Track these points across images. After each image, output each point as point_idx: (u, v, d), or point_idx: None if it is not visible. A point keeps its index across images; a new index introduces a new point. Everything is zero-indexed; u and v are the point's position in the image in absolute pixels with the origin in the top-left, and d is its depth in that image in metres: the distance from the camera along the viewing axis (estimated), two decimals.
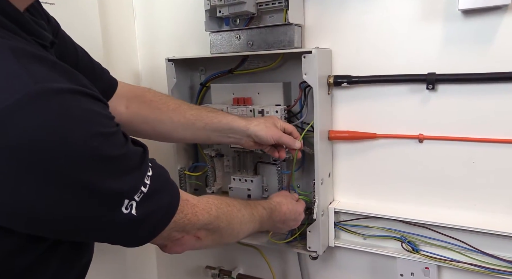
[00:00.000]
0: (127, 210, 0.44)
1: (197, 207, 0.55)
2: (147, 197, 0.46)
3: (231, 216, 0.62)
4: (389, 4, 0.79)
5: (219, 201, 0.61)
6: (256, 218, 0.69)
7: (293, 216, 0.79)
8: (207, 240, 0.59)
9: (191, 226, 0.54)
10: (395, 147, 0.83)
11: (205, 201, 0.58)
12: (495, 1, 0.66)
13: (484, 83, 0.73)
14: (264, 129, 0.77)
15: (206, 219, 0.56)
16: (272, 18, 0.87)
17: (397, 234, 0.83)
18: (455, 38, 0.74)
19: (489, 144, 0.74)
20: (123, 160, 0.43)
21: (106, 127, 0.42)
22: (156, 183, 0.47)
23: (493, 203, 0.76)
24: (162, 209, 0.49)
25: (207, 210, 0.57)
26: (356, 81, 0.83)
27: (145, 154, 0.48)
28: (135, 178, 0.45)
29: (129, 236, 0.48)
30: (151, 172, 0.47)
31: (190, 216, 0.53)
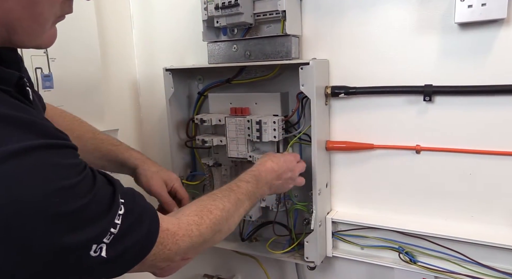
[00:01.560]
0: (96, 253, 0.42)
1: (177, 235, 0.52)
2: (118, 237, 0.44)
3: (216, 224, 0.59)
4: (387, 16, 0.79)
5: (199, 215, 0.57)
6: (243, 199, 0.65)
7: (284, 167, 0.75)
8: (197, 254, 0.58)
9: (174, 255, 0.52)
10: (393, 157, 0.83)
11: (185, 222, 0.55)
12: (491, 15, 0.66)
13: (481, 96, 0.73)
14: (146, 178, 0.77)
15: (188, 243, 0.53)
16: (269, 28, 0.88)
17: (394, 244, 0.83)
18: (452, 50, 0.74)
19: (486, 155, 0.74)
20: (89, 208, 0.42)
21: (70, 179, 0.41)
22: (129, 220, 0.45)
23: (490, 214, 0.76)
24: (137, 245, 0.47)
25: (188, 234, 0.54)
26: (353, 92, 0.83)
27: (115, 193, 0.46)
28: (103, 222, 0.43)
29: (101, 273, 0.46)
30: (123, 209, 0.45)
31: (171, 245, 0.51)
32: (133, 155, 0.80)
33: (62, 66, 0.89)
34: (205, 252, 1.11)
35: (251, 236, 0.98)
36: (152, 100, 1.13)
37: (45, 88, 0.87)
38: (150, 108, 1.16)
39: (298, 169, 0.79)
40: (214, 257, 1.13)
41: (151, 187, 0.77)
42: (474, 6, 0.67)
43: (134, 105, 1.16)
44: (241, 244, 0.97)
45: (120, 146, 0.81)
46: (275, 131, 0.84)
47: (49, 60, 0.87)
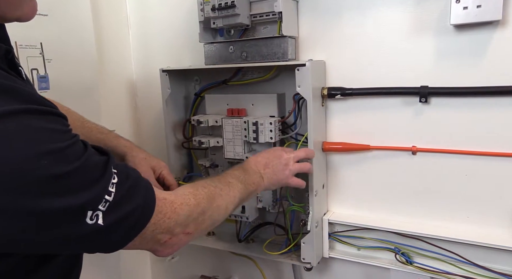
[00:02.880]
0: (92, 220, 0.42)
1: (175, 203, 0.53)
2: (114, 204, 0.44)
3: (211, 196, 0.60)
4: (383, 18, 0.79)
5: (194, 188, 0.59)
6: (234, 181, 0.66)
7: (269, 156, 0.75)
8: (198, 231, 0.57)
9: (174, 224, 0.52)
10: (389, 158, 0.83)
11: (181, 193, 0.56)
12: (487, 17, 0.66)
13: (476, 97, 0.73)
14: (134, 164, 0.77)
15: (187, 211, 0.54)
16: (266, 29, 0.88)
17: (391, 245, 0.83)
18: (447, 52, 0.74)
19: (482, 156, 0.75)
20: (80, 173, 0.42)
21: (57, 143, 0.41)
22: (123, 189, 0.46)
23: (485, 215, 0.76)
24: (134, 213, 0.47)
25: (186, 202, 0.55)
26: (349, 93, 0.83)
27: (108, 162, 0.46)
28: (97, 188, 0.43)
29: (101, 244, 0.46)
30: (117, 178, 0.45)
31: (170, 214, 0.51)
32: (121, 143, 0.80)
33: (58, 67, 0.89)
34: (202, 253, 1.12)
35: (248, 237, 0.98)
36: (148, 101, 1.13)
37: (41, 89, 0.86)
38: (146, 109, 1.15)
39: (286, 156, 0.76)
40: (211, 258, 1.13)
41: (142, 168, 0.77)
42: (469, 8, 0.67)
43: (130, 106, 1.16)
44: (238, 245, 0.97)
45: (109, 134, 0.81)
46: (271, 133, 0.84)
47: (45, 61, 0.87)
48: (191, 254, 1.15)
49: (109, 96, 1.06)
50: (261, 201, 0.94)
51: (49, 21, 0.87)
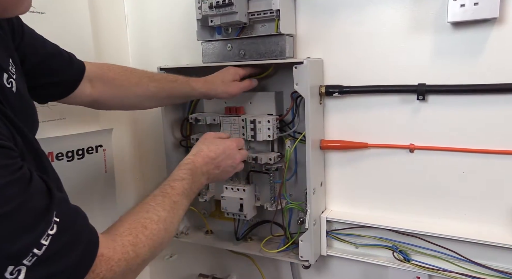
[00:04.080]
0: (12, 275, 0.37)
1: (112, 260, 0.46)
2: (42, 260, 0.38)
3: (153, 238, 0.53)
4: (380, 16, 0.79)
5: (133, 233, 0.51)
6: (180, 200, 0.61)
7: (223, 155, 0.71)
8: (136, 275, 0.52)
9: None
10: (387, 156, 0.83)
11: (120, 244, 0.49)
12: (484, 14, 0.66)
13: (473, 95, 0.73)
14: (225, 90, 0.82)
15: (124, 267, 0.48)
16: (264, 27, 0.88)
17: (388, 243, 0.83)
18: (445, 49, 0.74)
19: (479, 154, 0.75)
20: (9, 218, 0.37)
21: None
22: (59, 244, 0.40)
23: (483, 213, 0.76)
24: (64, 273, 0.41)
25: (125, 258, 0.48)
26: (347, 91, 0.83)
27: (49, 209, 0.40)
28: (26, 239, 0.37)
29: None
30: (55, 229, 0.40)
31: (105, 273, 0.45)
32: (192, 85, 0.82)
33: None
34: (200, 251, 1.12)
35: (246, 235, 0.98)
36: None
37: None
38: None
39: (240, 156, 0.75)
40: (209, 256, 1.13)
41: (233, 92, 0.82)
42: (466, 5, 0.67)
43: None
44: (236, 244, 0.97)
45: (178, 79, 0.84)
46: (269, 131, 0.84)
47: None
48: (189, 253, 1.15)
49: None
50: (259, 199, 0.94)
51: (46, 19, 0.87)
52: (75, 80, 0.73)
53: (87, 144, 0.97)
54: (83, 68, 0.74)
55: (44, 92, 0.70)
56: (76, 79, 0.73)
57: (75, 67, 0.73)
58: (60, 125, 0.92)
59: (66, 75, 0.71)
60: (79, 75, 0.73)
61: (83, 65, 0.75)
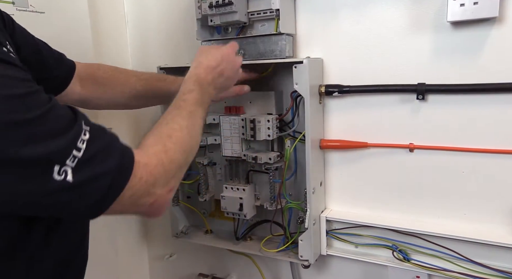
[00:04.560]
0: (60, 176, 0.40)
1: (149, 165, 0.49)
2: (84, 162, 0.42)
3: (180, 143, 0.56)
4: (380, 15, 0.79)
5: (161, 143, 0.53)
6: (195, 109, 0.62)
7: (224, 62, 0.70)
8: (179, 181, 0.56)
9: (152, 187, 0.49)
10: (386, 156, 0.83)
11: (152, 153, 0.51)
12: (483, 14, 0.66)
13: (473, 94, 0.73)
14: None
15: (163, 172, 0.51)
16: (263, 27, 0.88)
17: (388, 242, 0.83)
18: (445, 49, 0.74)
19: (479, 154, 0.75)
20: (43, 121, 0.40)
21: (16, 88, 0.39)
22: (95, 148, 0.43)
23: (482, 212, 0.77)
24: (107, 176, 0.44)
25: (160, 162, 0.51)
26: (347, 90, 0.83)
27: (76, 118, 0.44)
28: (63, 140, 0.41)
29: (75, 206, 0.44)
30: (88, 135, 0.43)
31: (146, 177, 0.48)
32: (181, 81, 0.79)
33: None
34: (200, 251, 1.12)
35: (246, 235, 0.98)
36: None
37: None
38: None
39: (239, 60, 0.74)
40: (208, 256, 1.13)
41: (221, 99, 0.81)
42: (466, 4, 0.67)
43: None
44: (235, 243, 0.97)
45: (167, 79, 0.83)
46: (269, 130, 0.84)
47: None
48: (189, 252, 1.15)
49: None
50: (259, 198, 0.94)
51: (46, 19, 0.87)
52: (66, 77, 0.73)
53: None
54: (73, 67, 0.75)
55: None
56: (67, 77, 0.73)
57: (66, 65, 0.74)
58: None
59: (57, 72, 0.71)
60: (69, 73, 0.74)
61: (73, 63, 0.75)
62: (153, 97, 0.84)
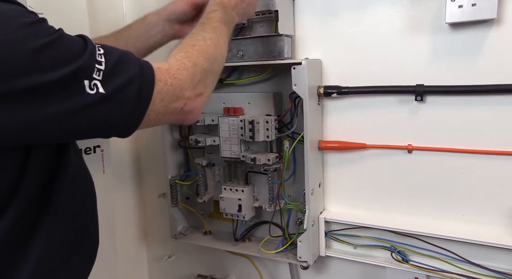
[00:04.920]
0: (93, 90, 0.43)
1: (171, 69, 0.51)
2: (108, 73, 0.44)
3: (204, 51, 0.57)
4: (379, 17, 0.79)
5: (184, 51, 0.56)
6: (219, 25, 0.64)
7: None
8: (209, 87, 0.58)
9: (179, 90, 0.51)
10: (385, 157, 0.83)
11: (174, 60, 0.54)
12: (482, 15, 0.67)
13: (472, 95, 0.73)
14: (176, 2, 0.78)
15: (187, 75, 0.53)
16: (262, 28, 0.88)
17: (387, 243, 0.83)
18: (443, 50, 0.74)
19: (477, 155, 0.75)
20: (60, 44, 0.42)
21: (28, 18, 0.41)
22: (112, 58, 0.46)
23: (480, 213, 0.77)
24: (134, 81, 0.46)
25: (183, 67, 0.53)
26: (346, 92, 0.83)
27: (86, 40, 0.46)
28: (84, 57, 0.43)
29: (114, 116, 0.46)
30: (102, 50, 0.46)
31: (171, 80, 0.50)
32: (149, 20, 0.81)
33: None
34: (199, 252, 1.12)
35: (245, 236, 0.98)
36: None
37: None
38: None
39: None
40: (207, 257, 1.13)
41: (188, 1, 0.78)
42: (464, 6, 0.67)
43: None
44: (234, 244, 0.97)
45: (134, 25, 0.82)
46: (268, 131, 0.84)
47: None
48: (188, 253, 1.15)
49: None
50: (257, 199, 0.94)
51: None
52: None
53: (84, 144, 0.97)
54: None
55: None
56: None
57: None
58: None
59: None
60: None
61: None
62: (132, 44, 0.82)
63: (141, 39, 0.80)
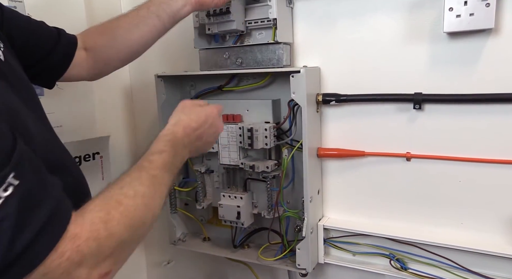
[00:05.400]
0: None
1: (79, 238, 0.39)
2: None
3: (129, 215, 0.45)
4: (377, 25, 0.79)
5: (105, 209, 0.44)
6: (160, 174, 0.53)
7: (206, 124, 0.64)
8: (120, 264, 0.45)
9: (76, 267, 0.39)
10: (384, 164, 0.83)
11: (89, 221, 0.41)
12: (479, 25, 0.67)
13: (470, 104, 0.73)
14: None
15: (95, 249, 0.40)
16: (261, 35, 0.88)
17: (385, 251, 0.83)
18: (441, 59, 0.75)
19: (475, 163, 0.75)
20: None
21: None
22: (11, 208, 0.34)
23: (479, 221, 0.77)
24: (13, 248, 0.34)
25: (94, 236, 0.41)
26: (344, 99, 0.83)
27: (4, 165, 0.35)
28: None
29: None
30: (10, 190, 0.35)
31: (71, 253, 0.38)
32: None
33: None
34: (197, 258, 1.12)
35: (243, 242, 0.98)
36: (144, 106, 1.13)
37: None
38: (142, 113, 1.15)
39: (221, 124, 0.70)
40: (206, 263, 1.13)
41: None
42: (462, 16, 0.67)
43: (126, 111, 1.15)
44: (233, 251, 0.97)
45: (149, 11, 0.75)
46: (266, 139, 0.84)
47: None
48: (186, 259, 1.15)
49: (105, 101, 1.06)
50: (256, 206, 0.94)
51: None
52: (68, 48, 0.71)
53: (84, 151, 0.97)
54: (74, 38, 0.73)
55: (43, 69, 0.69)
56: (69, 48, 0.71)
57: (66, 36, 0.72)
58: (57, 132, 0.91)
59: (57, 46, 0.69)
60: (71, 44, 0.72)
61: (74, 38, 0.73)
62: (153, 18, 0.75)
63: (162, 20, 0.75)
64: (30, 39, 0.65)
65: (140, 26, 0.75)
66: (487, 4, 0.65)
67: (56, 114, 0.91)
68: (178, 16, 0.76)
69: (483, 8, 0.66)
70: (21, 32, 0.64)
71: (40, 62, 0.68)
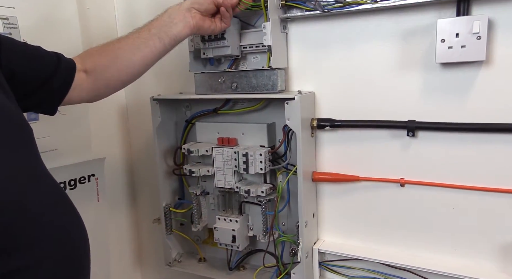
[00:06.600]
0: None
1: None
2: None
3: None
4: (371, 52, 0.80)
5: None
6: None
7: None
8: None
9: None
10: (378, 190, 0.84)
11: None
12: (471, 57, 0.67)
13: (462, 133, 0.74)
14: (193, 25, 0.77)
15: None
16: (256, 59, 0.88)
17: (380, 276, 0.84)
18: (434, 87, 0.75)
19: (468, 191, 0.75)
20: None
21: None
22: None
23: (472, 248, 0.77)
24: None
25: None
26: (338, 125, 0.84)
27: None
28: None
29: None
30: None
31: None
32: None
33: None
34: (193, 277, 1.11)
35: (239, 264, 0.98)
36: (140, 127, 1.14)
37: (30, 120, 0.86)
38: (138, 134, 1.16)
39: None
40: None
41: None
42: (454, 47, 0.68)
43: (122, 132, 1.15)
44: (228, 273, 0.97)
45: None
46: (261, 164, 0.85)
47: None
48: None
49: (100, 123, 1.06)
50: (252, 229, 0.94)
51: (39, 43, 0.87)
52: (67, 72, 0.71)
53: (79, 174, 0.97)
54: (72, 62, 0.73)
55: (44, 95, 0.69)
56: (68, 72, 0.71)
57: (64, 60, 0.72)
58: (52, 156, 0.91)
59: (60, 70, 0.70)
60: (70, 68, 0.72)
61: (73, 62, 0.73)
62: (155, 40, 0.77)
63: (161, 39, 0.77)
64: (29, 68, 0.65)
65: (142, 47, 0.76)
66: (478, 37, 0.66)
67: (51, 138, 0.91)
68: (179, 38, 0.78)
69: (474, 40, 0.66)
70: (20, 62, 0.64)
71: (41, 89, 0.68)
